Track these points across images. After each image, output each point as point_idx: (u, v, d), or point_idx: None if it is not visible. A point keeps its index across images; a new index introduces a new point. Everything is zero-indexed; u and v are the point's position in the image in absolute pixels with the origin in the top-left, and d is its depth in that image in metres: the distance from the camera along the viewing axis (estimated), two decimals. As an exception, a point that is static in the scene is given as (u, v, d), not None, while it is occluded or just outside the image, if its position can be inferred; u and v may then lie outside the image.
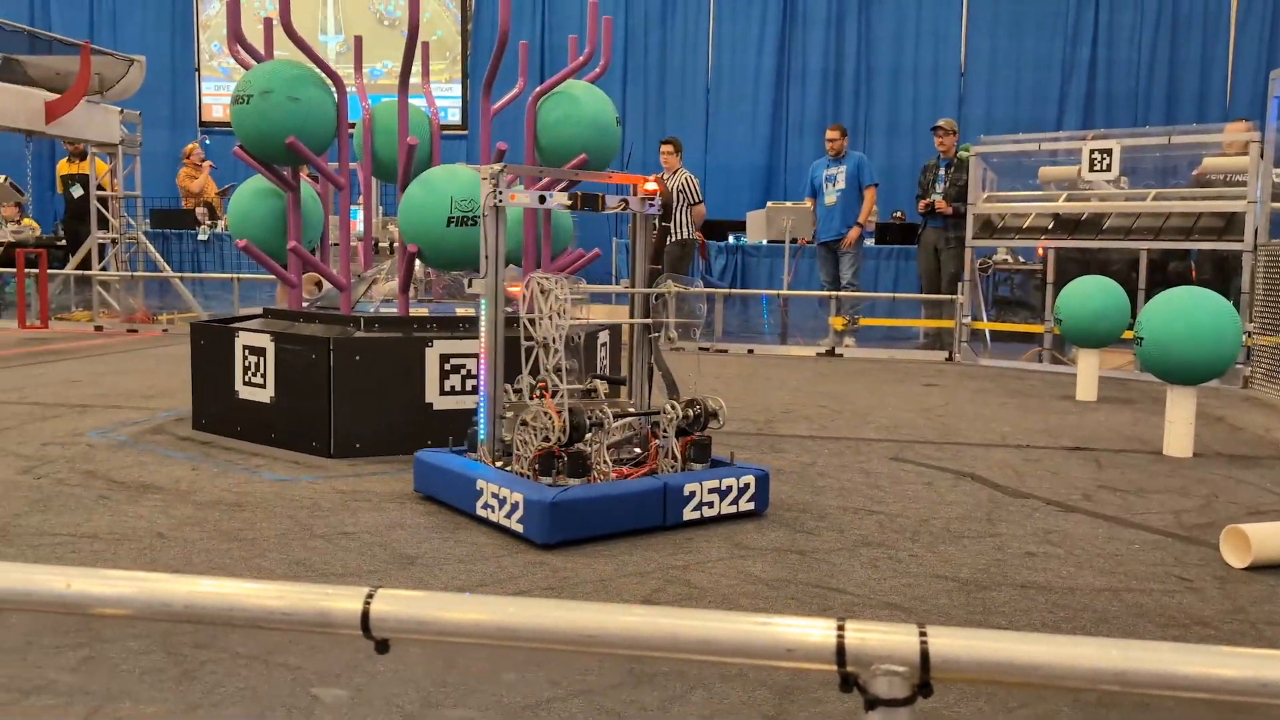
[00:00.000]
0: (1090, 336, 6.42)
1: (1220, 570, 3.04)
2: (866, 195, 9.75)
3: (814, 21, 14.58)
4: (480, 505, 3.35)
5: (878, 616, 2.62)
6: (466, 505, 3.42)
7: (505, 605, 1.23)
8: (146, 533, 3.23)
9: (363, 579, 2.85)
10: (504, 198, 3.51)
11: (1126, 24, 13.91)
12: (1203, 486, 4.15)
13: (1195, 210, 7.77)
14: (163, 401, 5.68)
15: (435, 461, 3.65)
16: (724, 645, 1.16)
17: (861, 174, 9.79)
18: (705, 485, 3.43)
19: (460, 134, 15.02)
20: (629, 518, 3.26)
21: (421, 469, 3.72)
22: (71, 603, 1.37)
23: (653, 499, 3.32)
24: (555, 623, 1.21)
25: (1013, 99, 14.13)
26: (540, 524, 3.10)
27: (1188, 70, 13.80)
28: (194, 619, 1.30)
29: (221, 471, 4.09)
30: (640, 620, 1.19)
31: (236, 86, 4.65)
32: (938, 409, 6.05)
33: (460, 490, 3.47)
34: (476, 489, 3.37)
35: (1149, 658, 1.11)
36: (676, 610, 1.20)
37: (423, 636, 1.25)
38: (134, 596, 1.33)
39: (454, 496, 3.52)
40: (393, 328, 4.52)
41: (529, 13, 14.93)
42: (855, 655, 1.13)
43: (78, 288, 11.38)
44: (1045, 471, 4.38)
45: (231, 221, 5.22)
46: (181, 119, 15.81)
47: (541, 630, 1.21)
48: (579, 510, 3.15)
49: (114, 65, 10.41)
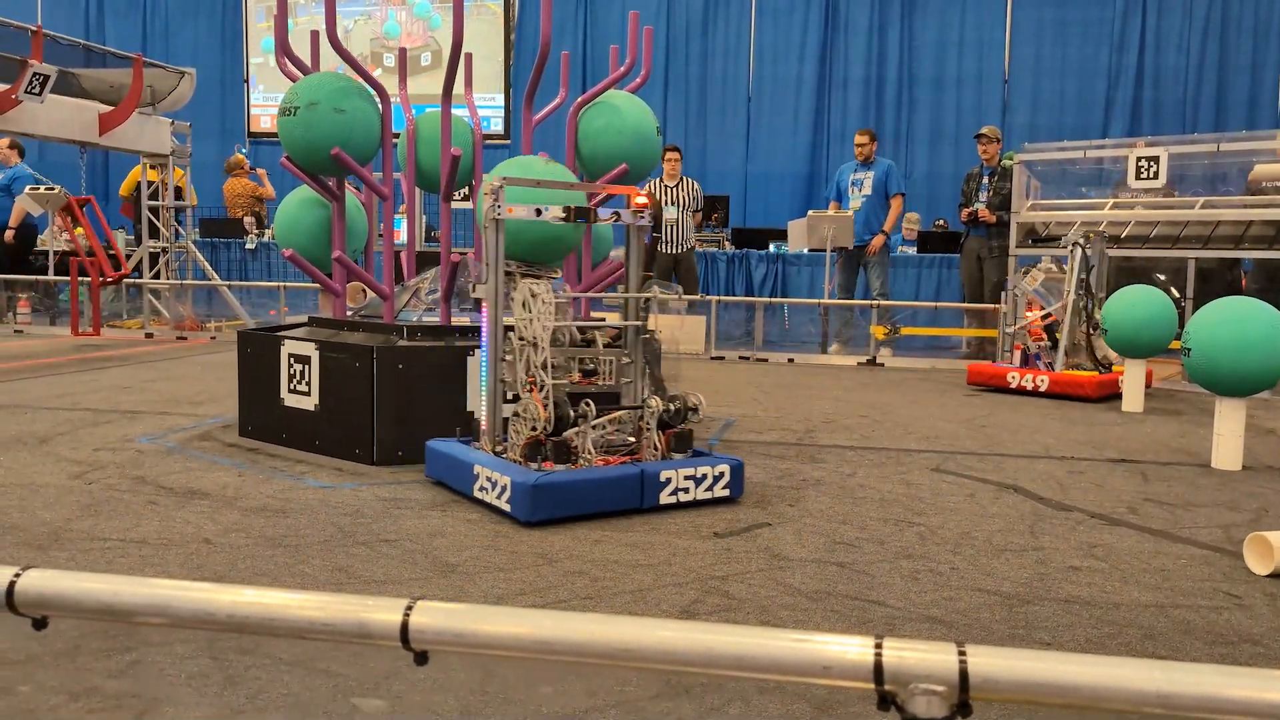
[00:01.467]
0: (1136, 346, 6.33)
1: (1271, 587, 2.99)
2: (893, 204, 9.71)
3: (856, 29, 14.52)
4: (476, 488, 3.71)
5: (918, 630, 2.60)
6: (465, 488, 3.79)
7: (542, 619, 1.24)
8: (193, 538, 3.28)
9: (403, 586, 2.87)
10: (502, 210, 3.75)
11: (1174, 30, 13.71)
12: (1252, 500, 4.07)
13: (1245, 219, 7.64)
14: (210, 408, 5.77)
15: (442, 449, 4.01)
16: (760, 662, 1.16)
17: (889, 181, 9.75)
18: (681, 472, 3.74)
19: (503, 144, 15.12)
20: (607, 500, 3.61)
21: (431, 456, 4.08)
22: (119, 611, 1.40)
23: (630, 483, 3.65)
24: (592, 636, 1.22)
25: (1057, 106, 13.97)
26: (523, 504, 3.45)
27: (1237, 76, 13.57)
28: (236, 629, 1.32)
29: (267, 478, 4.14)
30: (677, 635, 1.20)
31: (283, 98, 4.72)
32: (980, 419, 6.00)
33: (460, 474, 3.84)
34: (474, 473, 3.73)
35: (1193, 680, 1.09)
36: (713, 625, 1.20)
37: (461, 649, 1.26)
38: (178, 606, 1.36)
39: (456, 480, 3.89)
40: (435, 336, 4.56)
41: (571, 23, 15.01)
42: (893, 674, 1.13)
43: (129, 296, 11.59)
44: (1090, 484, 4.32)
45: (278, 231, 5.30)
46: (230, 130, 16.06)
47: (578, 644, 1.21)
48: (560, 491, 3.50)
49: (165, 78, 10.61)
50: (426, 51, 15.58)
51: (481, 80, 15.33)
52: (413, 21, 15.65)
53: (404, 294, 5.07)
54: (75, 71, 10.00)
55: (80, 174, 12.61)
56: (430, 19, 15.72)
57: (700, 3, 14.90)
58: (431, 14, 15.70)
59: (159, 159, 10.87)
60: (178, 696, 2.13)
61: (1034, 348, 7.18)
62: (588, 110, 4.87)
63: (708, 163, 14.93)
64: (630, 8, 6.30)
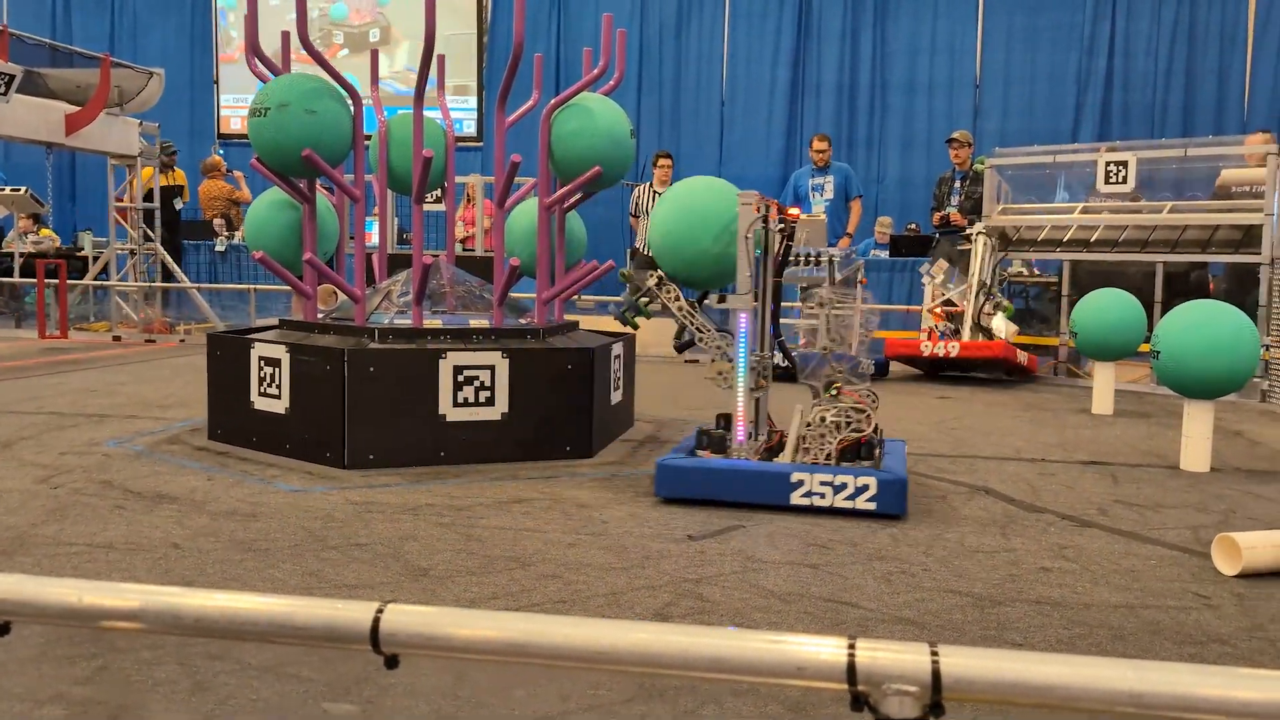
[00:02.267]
0: (1106, 349, 6.38)
1: (1239, 587, 3.02)
2: (853, 207, 9.83)
3: (829, 34, 14.59)
4: (799, 495, 3.80)
5: (891, 632, 2.61)
6: (775, 498, 3.81)
7: (514, 621, 1.23)
8: (161, 543, 3.24)
9: (375, 590, 2.85)
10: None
11: (1143, 35, 13.85)
12: (1220, 502, 4.11)
13: (1212, 223, 7.73)
14: (179, 411, 5.71)
15: (711, 465, 3.93)
16: (734, 664, 1.16)
17: (849, 186, 9.85)
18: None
19: (475, 146, 15.08)
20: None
21: (676, 474, 3.90)
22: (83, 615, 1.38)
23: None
24: (565, 639, 1.21)
25: (1028, 111, 14.09)
26: (895, 500, 3.71)
27: (1204, 81, 13.73)
28: (204, 633, 1.30)
29: (236, 482, 4.10)
30: (651, 638, 1.19)
31: (254, 99, 4.68)
32: (951, 421, 6.03)
33: (764, 486, 3.83)
34: (793, 481, 3.79)
35: (1165, 679, 1.10)
36: (687, 628, 1.19)
37: (432, 653, 1.25)
38: (144, 610, 1.34)
39: (750, 493, 3.84)
40: (406, 339, 4.53)
41: (544, 26, 14.99)
42: (866, 674, 1.12)
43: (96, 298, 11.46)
44: (1060, 486, 4.35)
45: (248, 233, 5.25)
46: (200, 131, 15.92)
47: (551, 647, 1.21)
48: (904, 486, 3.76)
49: (134, 78, 10.49)
50: (375, 28, 15.48)
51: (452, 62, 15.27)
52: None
53: (375, 296, 5.03)
54: (41, 71, 9.87)
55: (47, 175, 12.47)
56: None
57: (674, 7, 14.93)
58: None
59: (126, 160, 10.76)
60: (145, 703, 2.10)
61: (940, 328, 8.18)
62: (560, 113, 4.86)
63: (681, 166, 14.92)
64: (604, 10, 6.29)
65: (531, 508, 3.77)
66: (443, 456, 4.43)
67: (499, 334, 4.69)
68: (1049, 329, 9.01)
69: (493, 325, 4.77)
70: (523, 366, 4.52)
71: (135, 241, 11.04)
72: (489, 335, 4.67)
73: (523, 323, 4.95)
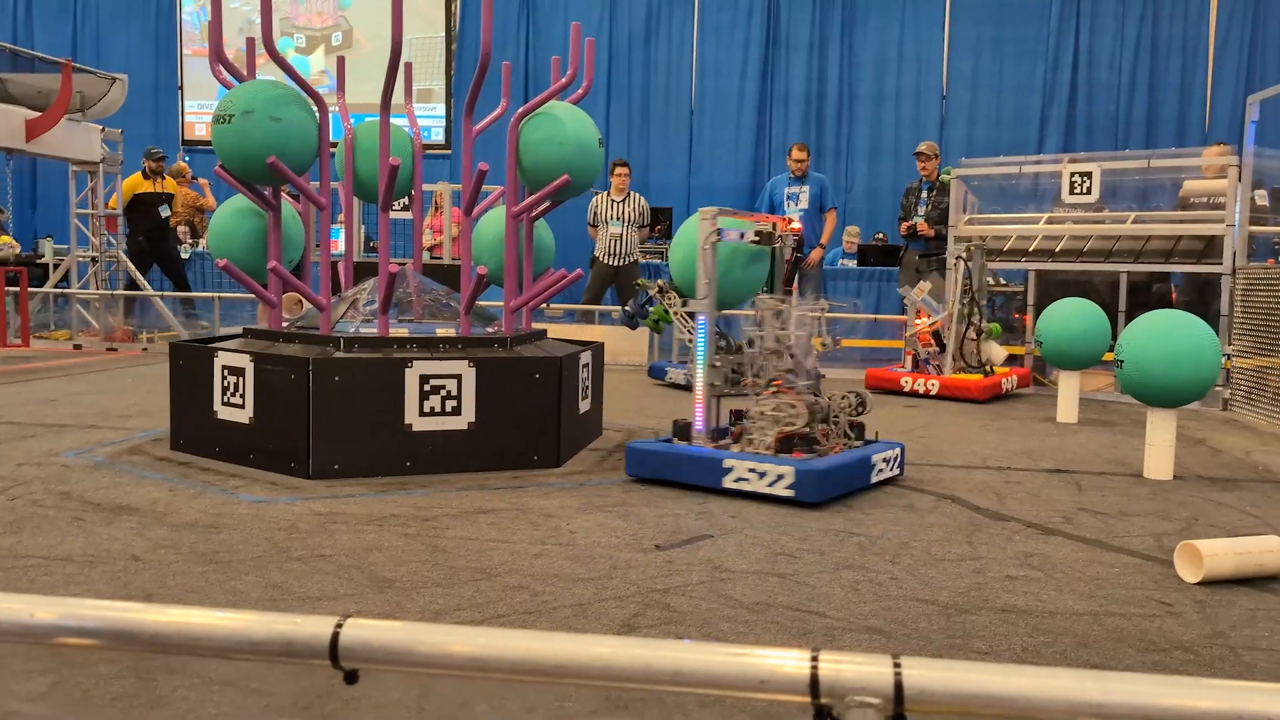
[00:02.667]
0: (1070, 358, 6.44)
1: (1200, 594, 3.05)
2: (828, 218, 9.89)
3: (797, 45, 14.67)
4: (731, 479, 4.11)
5: (857, 641, 2.61)
6: (711, 481, 4.17)
7: (476, 635, 1.21)
8: (121, 555, 3.19)
9: (338, 603, 2.82)
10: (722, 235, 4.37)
11: (1106, 48, 14.04)
12: (1183, 509, 4.16)
13: (1175, 233, 7.83)
14: (141, 421, 5.63)
15: (663, 449, 4.36)
16: (697, 676, 1.15)
17: (824, 196, 9.91)
18: (880, 455, 4.41)
19: (443, 153, 15.03)
20: (853, 481, 4.23)
21: (640, 456, 4.38)
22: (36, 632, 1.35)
23: (862, 467, 4.27)
24: (528, 654, 1.19)
25: (994, 122, 14.23)
26: (811, 488, 3.95)
27: (1167, 94, 13.94)
28: (159, 650, 1.27)
29: (199, 493, 4.05)
30: (614, 651, 1.18)
31: (218, 106, 4.63)
32: (919, 430, 6.06)
33: (705, 470, 4.20)
34: (725, 467, 4.13)
35: (1126, 689, 1.10)
36: (650, 641, 1.18)
37: (393, 668, 1.23)
38: (99, 627, 1.31)
39: (695, 476, 4.22)
40: (372, 348, 4.50)
41: (512, 33, 14.97)
42: (829, 687, 1.12)
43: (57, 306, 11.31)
44: (1026, 494, 4.38)
45: (212, 241, 5.20)
46: (164, 137, 15.77)
47: (514, 661, 1.19)
48: (833, 475, 4.06)
49: (96, 83, 10.38)
50: (337, 31, 15.40)
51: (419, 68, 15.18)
52: (322, 0, 15.47)
53: (341, 305, 4.99)
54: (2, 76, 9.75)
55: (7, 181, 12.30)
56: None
57: (642, 16, 14.96)
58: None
59: (88, 166, 10.63)
60: (102, 719, 2.06)
61: (924, 353, 7.77)
62: (529, 121, 4.85)
63: (651, 175, 14.97)
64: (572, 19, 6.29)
65: (498, 518, 3.75)
66: (409, 467, 4.39)
67: (466, 343, 4.67)
68: (1014, 338, 9.09)
69: (460, 334, 4.75)
70: (490, 376, 4.50)
71: (97, 249, 10.90)
72: (456, 344, 4.64)
73: (490, 331, 4.93)
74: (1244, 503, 4.30)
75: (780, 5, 14.69)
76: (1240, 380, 7.03)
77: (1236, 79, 13.66)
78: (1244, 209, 7.35)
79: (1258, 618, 2.85)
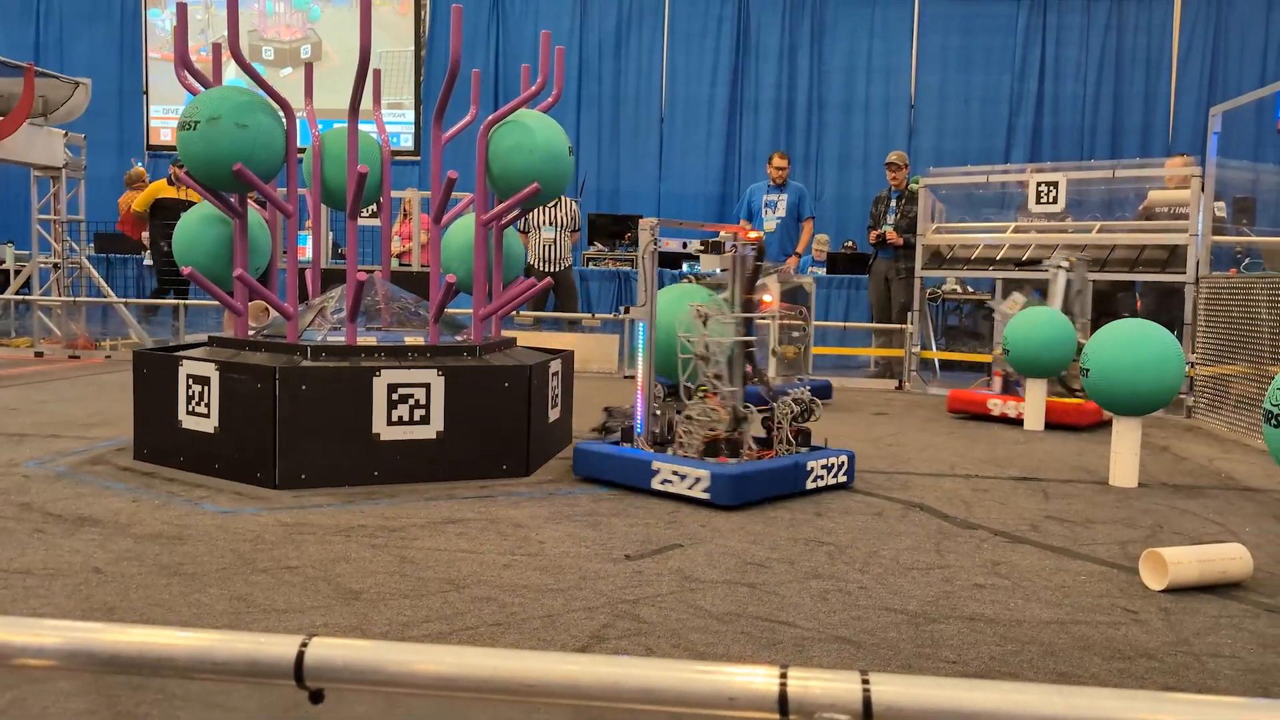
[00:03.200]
0: (1037, 366, 6.49)
1: (1165, 602, 3.08)
2: (805, 227, 9.93)
3: (767, 53, 14.75)
4: (658, 481, 4.26)
5: (826, 651, 2.61)
6: (641, 482, 4.31)
7: (444, 654, 1.20)
8: (82, 568, 3.14)
9: (305, 615, 2.79)
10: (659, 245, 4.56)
11: (1072, 60, 14.22)
12: (1148, 517, 4.20)
13: (1140, 243, 7.92)
14: (103, 431, 5.56)
15: (602, 450, 4.53)
16: (666, 694, 1.14)
17: (802, 205, 9.95)
18: (819, 462, 4.47)
19: (412, 160, 14.97)
20: (779, 485, 4.34)
21: (584, 456, 4.57)
22: (-9, 652, 1.32)
23: (790, 473, 4.36)
24: (495, 672, 1.18)
25: (962, 132, 14.37)
26: (726, 492, 4.05)
27: (1132, 105, 14.13)
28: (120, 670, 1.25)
29: (163, 503, 4.00)
30: (582, 669, 1.17)
31: (183, 112, 4.59)
32: (887, 438, 6.09)
33: (635, 471, 4.34)
34: (653, 469, 4.27)
35: (1091, 704, 1.11)
36: (619, 659, 1.17)
37: (358, 687, 1.21)
38: (58, 647, 1.28)
39: (627, 477, 4.38)
40: (340, 357, 4.46)
41: (482, 41, 14.95)
42: (798, 703, 1.12)
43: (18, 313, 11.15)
44: (993, 502, 4.41)
45: (177, 248, 5.14)
46: (128, 142, 15.61)
47: (481, 680, 1.18)
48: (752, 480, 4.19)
49: (59, 88, 10.25)
50: (306, 44, 15.31)
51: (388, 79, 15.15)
52: (291, 13, 15.37)
53: (308, 313, 4.95)
54: (-38, 80, 9.62)
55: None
56: (309, 10, 15.46)
57: (613, 24, 14.98)
58: (310, 5, 15.45)
59: (51, 171, 10.49)
60: (60, 737, 2.02)
61: (1015, 374, 6.87)
62: (498, 129, 4.83)
63: (621, 182, 14.99)
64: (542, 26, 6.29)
65: (467, 528, 3.73)
66: (376, 476, 4.36)
67: (435, 351, 4.64)
68: (982, 346, 9.16)
69: (428, 342, 4.72)
70: (459, 384, 4.48)
71: (59, 255, 10.76)
72: (424, 353, 4.61)
73: (459, 340, 4.91)
74: (1207, 510, 4.35)
75: (750, 13, 14.76)
76: (1203, 388, 7.12)
77: (1199, 90, 13.87)
78: (1207, 219, 7.46)
79: (1221, 625, 2.88)
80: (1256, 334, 6.31)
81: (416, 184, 12.78)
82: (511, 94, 13.92)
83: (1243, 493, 4.76)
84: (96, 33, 15.81)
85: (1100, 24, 14.12)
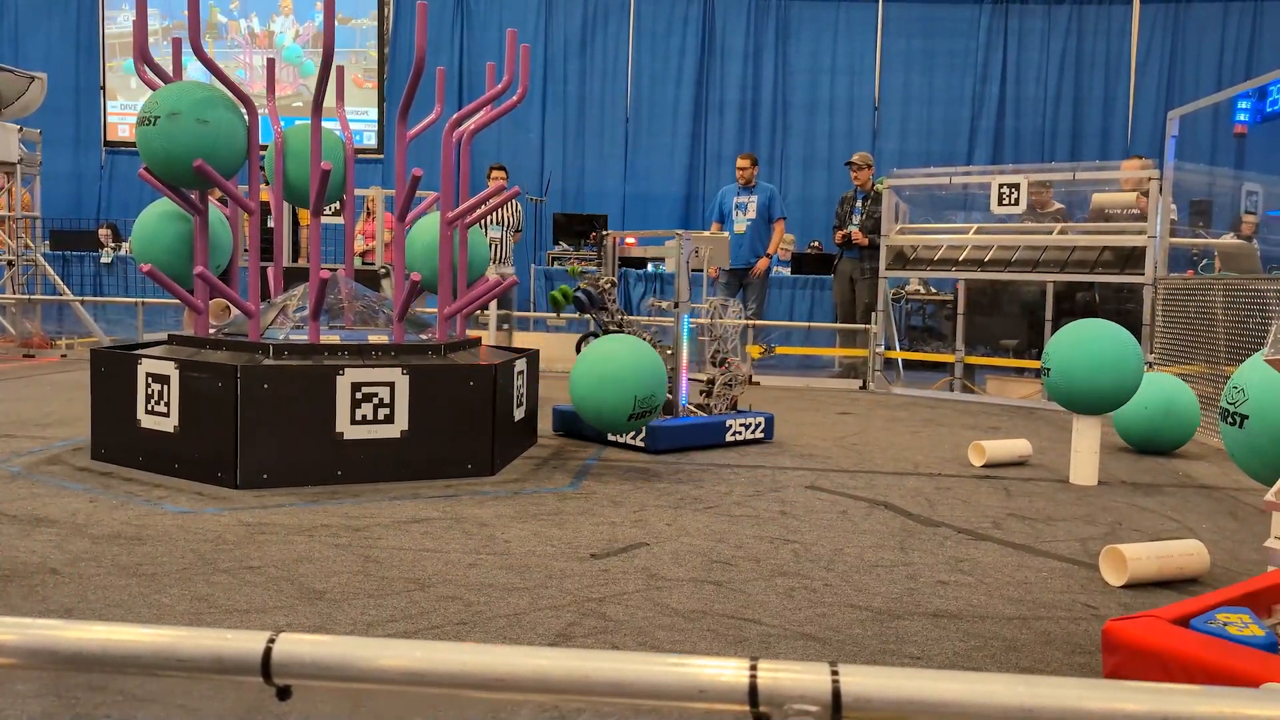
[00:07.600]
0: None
1: (1125, 597, 3.12)
2: (776, 228, 9.97)
3: (732, 54, 14.80)
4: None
5: (792, 648, 2.62)
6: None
7: (412, 649, 1.19)
8: (39, 569, 3.09)
9: (268, 615, 2.76)
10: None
11: (1033, 63, 14.39)
12: (1107, 514, 4.26)
13: (1099, 244, 8.03)
14: (60, 430, 5.48)
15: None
16: (636, 687, 1.14)
17: (772, 206, 9.99)
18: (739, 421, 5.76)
19: (376, 158, 14.87)
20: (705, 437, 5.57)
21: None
22: (-52, 651, 1.30)
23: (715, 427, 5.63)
24: (464, 666, 1.18)
25: (925, 133, 14.50)
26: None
27: (1091, 108, 14.32)
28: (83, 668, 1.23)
29: (121, 504, 3.94)
30: (551, 663, 1.17)
31: (143, 107, 4.53)
32: (852, 437, 6.13)
33: None
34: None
35: (1055, 694, 1.12)
36: (588, 652, 1.17)
37: (327, 683, 1.20)
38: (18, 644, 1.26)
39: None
40: (302, 355, 4.42)
41: (447, 39, 14.88)
42: (768, 695, 1.12)
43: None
44: (957, 500, 4.45)
45: (136, 245, 5.07)
46: (86, 139, 15.38)
47: (450, 675, 1.17)
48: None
49: (13, 82, 10.07)
50: (298, 100, 15.12)
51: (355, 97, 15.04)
52: (282, 67, 15.20)
53: (271, 311, 4.91)
54: (-85, 74, 9.43)
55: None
56: (302, 64, 15.31)
57: (578, 23, 14.97)
58: (303, 59, 15.29)
59: (6, 167, 10.32)
60: (18, 739, 1.99)
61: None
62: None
63: (586, 182, 14.98)
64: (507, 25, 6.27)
65: (431, 527, 3.71)
66: (340, 476, 4.33)
67: (399, 350, 4.61)
68: (945, 346, 9.25)
69: (392, 341, 4.69)
70: (423, 383, 4.46)
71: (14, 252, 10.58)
72: (388, 351, 4.59)
73: (423, 338, 4.88)
74: (1165, 507, 4.42)
75: (715, 14, 14.81)
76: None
77: (1157, 94, 14.09)
78: (1164, 221, 7.57)
79: (1179, 619, 2.93)
80: (1212, 335, 6.41)
81: (380, 182, 12.71)
82: (476, 92, 13.87)
83: (1199, 490, 4.83)
84: (53, 26, 15.57)
85: (1061, 28, 14.31)
